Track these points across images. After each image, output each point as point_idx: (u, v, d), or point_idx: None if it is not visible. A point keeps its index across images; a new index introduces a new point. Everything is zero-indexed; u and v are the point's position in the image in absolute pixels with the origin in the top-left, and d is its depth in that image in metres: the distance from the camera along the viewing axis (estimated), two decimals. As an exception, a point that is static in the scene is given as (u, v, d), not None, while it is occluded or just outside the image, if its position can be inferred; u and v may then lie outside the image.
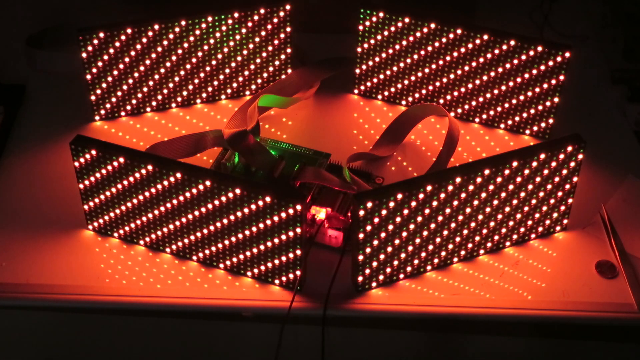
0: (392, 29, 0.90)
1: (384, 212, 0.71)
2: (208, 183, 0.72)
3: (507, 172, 0.74)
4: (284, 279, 0.75)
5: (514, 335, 0.84)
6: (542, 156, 0.75)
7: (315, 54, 0.99)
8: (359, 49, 0.93)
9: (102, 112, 0.92)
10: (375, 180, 0.85)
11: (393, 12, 0.89)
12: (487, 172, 0.73)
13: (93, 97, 0.91)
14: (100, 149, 0.74)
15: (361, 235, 0.72)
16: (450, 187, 0.73)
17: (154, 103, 0.93)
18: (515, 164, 0.74)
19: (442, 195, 0.73)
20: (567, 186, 0.78)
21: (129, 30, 0.87)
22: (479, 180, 0.74)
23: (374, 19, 0.90)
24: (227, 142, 0.85)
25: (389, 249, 0.74)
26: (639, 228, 0.81)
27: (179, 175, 0.73)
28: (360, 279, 0.75)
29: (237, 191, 0.71)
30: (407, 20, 0.89)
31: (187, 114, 0.94)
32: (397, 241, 0.74)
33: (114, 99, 0.92)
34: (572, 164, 0.77)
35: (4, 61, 1.01)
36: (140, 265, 0.78)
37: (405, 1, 0.91)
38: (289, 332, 0.73)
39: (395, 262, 0.75)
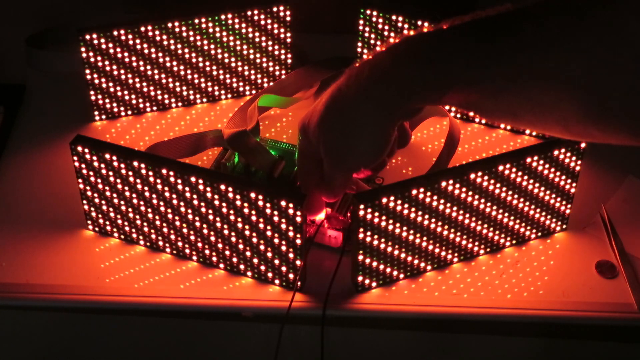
0: (392, 29, 0.90)
1: (383, 212, 0.71)
2: (208, 183, 0.72)
3: (506, 172, 0.74)
4: (283, 278, 0.75)
5: (514, 335, 0.84)
6: (542, 156, 0.75)
7: (315, 54, 0.99)
8: (359, 49, 0.93)
9: (102, 112, 0.92)
10: (374, 181, 0.85)
11: (393, 12, 0.89)
12: (486, 172, 0.73)
13: (93, 97, 0.91)
14: (100, 149, 0.74)
15: (361, 236, 0.72)
16: (449, 188, 0.73)
17: (154, 103, 0.93)
18: (515, 163, 0.74)
19: (442, 196, 0.73)
20: (567, 186, 0.78)
21: (129, 30, 0.87)
22: (478, 180, 0.74)
23: (374, 19, 0.90)
24: (227, 142, 0.85)
25: (389, 249, 0.74)
26: (639, 228, 0.81)
27: (178, 175, 0.73)
28: (360, 279, 0.75)
29: (237, 191, 0.71)
30: (407, 20, 0.89)
31: (187, 114, 0.94)
32: (397, 241, 0.73)
33: (114, 99, 0.92)
34: (572, 163, 0.77)
35: (4, 61, 1.01)
36: (140, 265, 0.78)
37: (406, 1, 0.91)
38: (288, 332, 0.73)
39: (395, 262, 0.75)
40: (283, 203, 0.70)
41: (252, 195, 0.71)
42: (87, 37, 0.86)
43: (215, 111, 0.94)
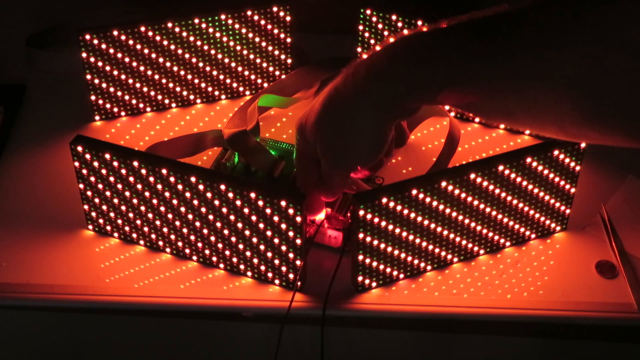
0: (392, 29, 0.90)
1: (383, 212, 0.71)
2: (205, 183, 0.72)
3: (507, 171, 0.74)
4: (283, 279, 0.75)
5: (514, 335, 0.84)
6: (542, 156, 0.75)
7: (315, 54, 0.99)
8: (359, 49, 0.93)
9: (102, 112, 0.92)
10: (375, 181, 0.85)
11: (392, 12, 0.89)
12: (487, 172, 0.73)
13: (93, 97, 0.91)
14: (100, 149, 0.74)
15: (361, 236, 0.72)
16: (450, 187, 0.73)
17: (154, 103, 0.93)
18: (515, 163, 0.74)
19: (442, 195, 0.73)
20: (567, 186, 0.78)
21: (129, 31, 0.87)
22: (478, 180, 0.74)
23: (374, 18, 0.90)
24: (227, 142, 0.85)
25: (389, 249, 0.74)
26: (639, 228, 0.81)
27: (177, 175, 0.73)
28: (360, 279, 0.75)
29: (236, 191, 0.71)
30: (405, 20, 0.89)
31: (186, 114, 0.94)
32: (396, 241, 0.74)
33: (114, 99, 0.92)
34: (572, 163, 0.77)
35: (4, 61, 1.01)
36: (140, 265, 0.78)
37: (405, 1, 0.91)
38: (288, 332, 0.73)
39: (395, 262, 0.75)
40: (283, 203, 0.70)
41: (252, 195, 0.71)
42: (87, 36, 0.86)
43: (215, 111, 0.94)
